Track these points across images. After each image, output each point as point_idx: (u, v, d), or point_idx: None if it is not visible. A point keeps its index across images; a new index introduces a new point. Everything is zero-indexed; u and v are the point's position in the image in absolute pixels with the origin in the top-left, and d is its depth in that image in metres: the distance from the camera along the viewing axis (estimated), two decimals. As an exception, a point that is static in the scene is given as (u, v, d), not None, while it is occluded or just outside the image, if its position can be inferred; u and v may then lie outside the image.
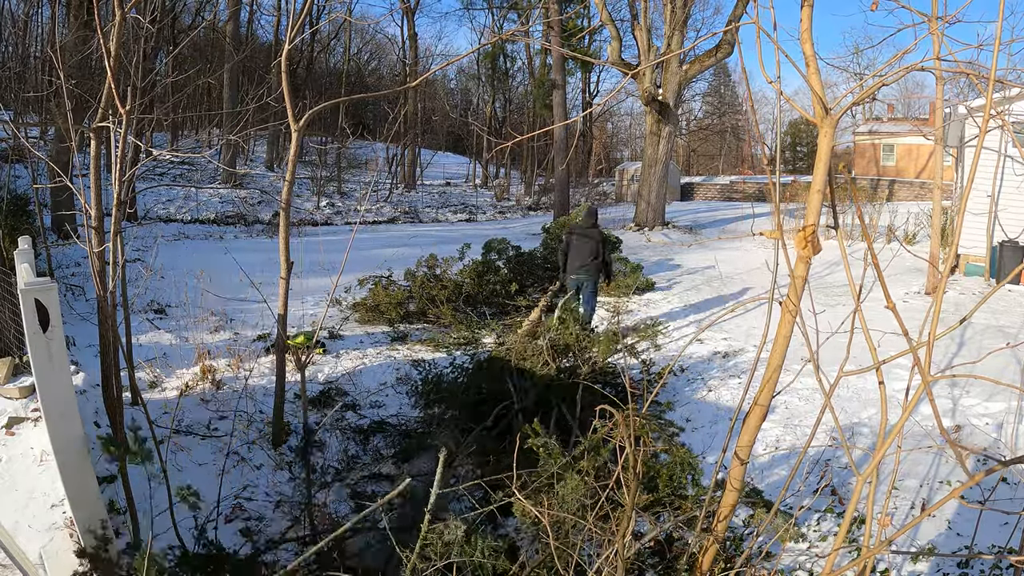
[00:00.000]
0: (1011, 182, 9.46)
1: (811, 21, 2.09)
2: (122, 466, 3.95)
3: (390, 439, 6.04)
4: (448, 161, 37.47)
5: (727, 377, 6.68)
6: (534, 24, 26.65)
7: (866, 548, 2.16)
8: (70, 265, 10.76)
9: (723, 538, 2.68)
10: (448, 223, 23.16)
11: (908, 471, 4.31)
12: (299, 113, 5.31)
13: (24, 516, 3.77)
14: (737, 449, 2.37)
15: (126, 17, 4.40)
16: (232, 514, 4.74)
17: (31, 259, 5.11)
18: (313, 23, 27.83)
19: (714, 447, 5.41)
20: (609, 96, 5.67)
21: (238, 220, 20.00)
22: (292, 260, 5.53)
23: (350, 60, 34.59)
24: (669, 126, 16.87)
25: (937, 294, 1.94)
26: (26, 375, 5.09)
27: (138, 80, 5.29)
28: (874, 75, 2.15)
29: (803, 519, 4.18)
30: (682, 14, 16.32)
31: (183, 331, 7.73)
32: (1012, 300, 8.44)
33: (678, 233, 16.65)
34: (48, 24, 22.32)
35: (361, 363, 7.38)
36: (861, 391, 5.82)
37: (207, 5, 27.46)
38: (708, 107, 46.89)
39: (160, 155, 4.97)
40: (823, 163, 2.03)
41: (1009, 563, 3.31)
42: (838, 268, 10.63)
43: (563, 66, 21.03)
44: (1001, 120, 6.35)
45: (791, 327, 2.15)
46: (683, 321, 8.72)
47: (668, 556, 3.96)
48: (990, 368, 5.68)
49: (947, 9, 7.67)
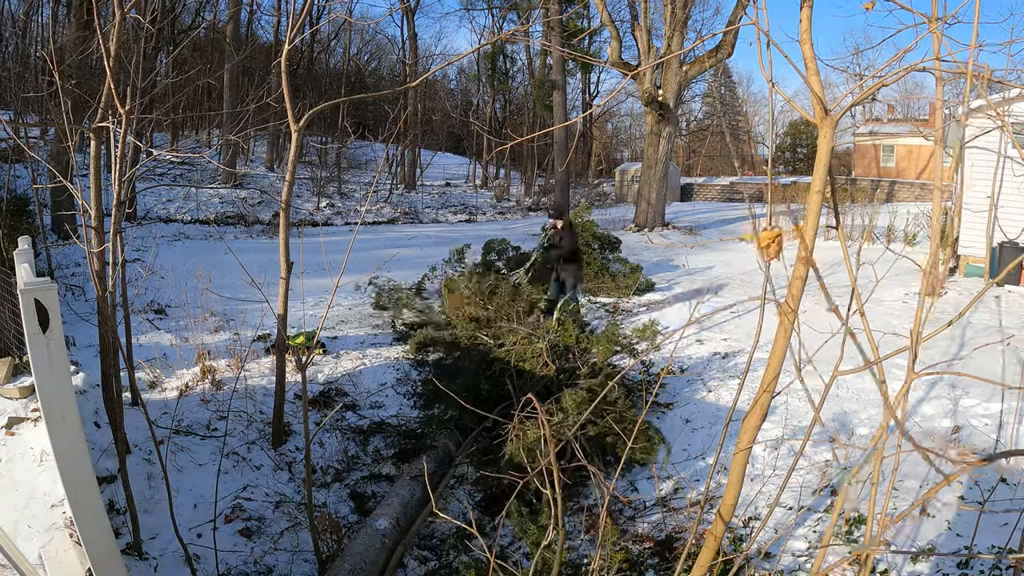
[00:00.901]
0: (1011, 183, 9.46)
1: (810, 22, 2.09)
2: (122, 466, 3.95)
3: (390, 439, 6.04)
4: (448, 162, 37.46)
5: (727, 378, 6.68)
6: (534, 24, 26.65)
7: (867, 543, 2.16)
8: (70, 265, 10.76)
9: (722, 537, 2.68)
10: (448, 224, 23.17)
11: (908, 471, 4.31)
12: (299, 113, 5.31)
13: (24, 516, 3.77)
14: (737, 448, 2.37)
15: (126, 17, 4.40)
16: (232, 514, 4.74)
17: (31, 259, 5.11)
18: (313, 23, 27.84)
19: (714, 447, 5.41)
20: (609, 97, 5.75)
21: (238, 220, 20.00)
22: (292, 260, 5.53)
23: (350, 60, 34.61)
24: (669, 127, 16.87)
25: (932, 295, 1.94)
26: (26, 375, 5.09)
27: (138, 80, 5.29)
28: (874, 75, 2.15)
29: (803, 519, 4.19)
30: (682, 15, 16.33)
31: (183, 331, 7.73)
32: (1013, 301, 8.44)
33: (678, 234, 16.65)
34: (48, 24, 22.34)
35: (361, 364, 7.38)
36: (860, 392, 5.82)
37: (207, 5, 27.45)
38: (708, 108, 46.90)
39: (160, 155, 4.97)
40: (823, 164, 2.03)
41: (1009, 563, 3.31)
42: (839, 269, 10.62)
43: (563, 67, 21.02)
44: (1001, 120, 6.34)
45: (790, 328, 2.15)
46: (683, 322, 8.72)
47: (668, 556, 3.96)
48: (993, 368, 5.69)
49: (947, 9, 7.66)
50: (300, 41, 26.36)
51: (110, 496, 4.21)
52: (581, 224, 10.18)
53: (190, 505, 4.64)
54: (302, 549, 4.48)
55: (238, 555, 4.32)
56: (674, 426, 5.89)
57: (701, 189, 30.47)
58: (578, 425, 3.75)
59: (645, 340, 7.49)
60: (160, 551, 4.10)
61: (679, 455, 5.41)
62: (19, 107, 13.59)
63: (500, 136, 32.84)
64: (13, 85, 13.45)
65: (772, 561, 3.78)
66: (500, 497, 5.00)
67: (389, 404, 6.70)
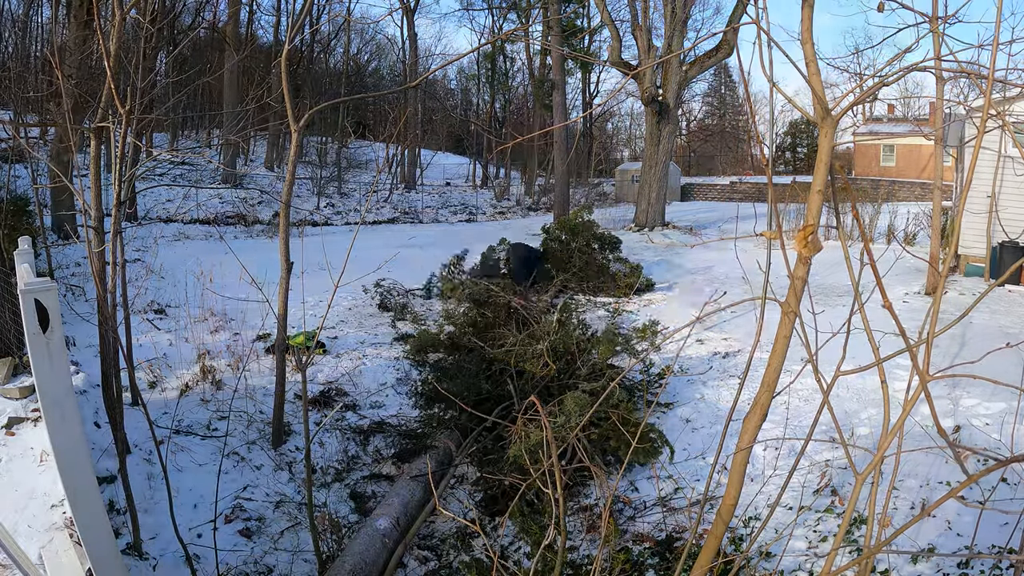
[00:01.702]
0: (1011, 182, 9.45)
1: (811, 21, 2.08)
2: (122, 466, 3.95)
3: (390, 439, 6.04)
4: (448, 161, 37.44)
5: (727, 377, 6.67)
6: (534, 24, 26.65)
7: (867, 548, 2.16)
8: (70, 265, 10.75)
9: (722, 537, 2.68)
10: (448, 223, 23.16)
11: (909, 472, 4.30)
12: (299, 113, 5.31)
13: (24, 516, 3.77)
14: (737, 448, 2.37)
15: (126, 17, 4.40)
16: (232, 514, 4.73)
17: (31, 259, 5.11)
18: (313, 23, 27.85)
19: (714, 447, 5.41)
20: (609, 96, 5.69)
21: (238, 220, 19.99)
22: (292, 260, 5.53)
23: (350, 60, 34.60)
24: (669, 126, 16.87)
25: (937, 294, 1.94)
26: (26, 375, 5.09)
27: (138, 80, 5.28)
28: (874, 75, 2.15)
29: (803, 519, 4.18)
30: (682, 14, 16.33)
31: (183, 331, 7.72)
32: (1013, 300, 8.44)
33: (678, 233, 16.64)
34: (48, 24, 22.33)
35: (361, 363, 7.38)
36: (861, 392, 5.82)
37: (207, 5, 27.45)
38: (708, 107, 46.90)
39: (160, 155, 4.97)
40: (823, 163, 2.03)
41: (1009, 563, 3.31)
42: (839, 269, 10.62)
43: (563, 66, 21.03)
44: (1001, 120, 6.33)
45: (791, 328, 2.14)
46: (683, 321, 8.72)
47: (668, 556, 3.96)
48: (993, 368, 5.67)
49: (947, 9, 7.67)
50: (300, 41, 26.36)
51: (110, 496, 4.21)
52: (581, 224, 10.17)
53: (190, 505, 4.64)
54: (302, 549, 4.48)
55: (238, 555, 4.32)
56: (674, 426, 5.89)
57: (701, 189, 30.48)
58: (579, 427, 3.77)
59: (645, 340, 7.49)
60: (160, 551, 4.09)
61: (679, 455, 5.41)
62: (19, 107, 13.58)
63: (500, 136, 32.85)
64: (13, 85, 13.44)
65: (772, 561, 3.78)
66: (501, 497, 5.00)
67: (389, 404, 6.70)
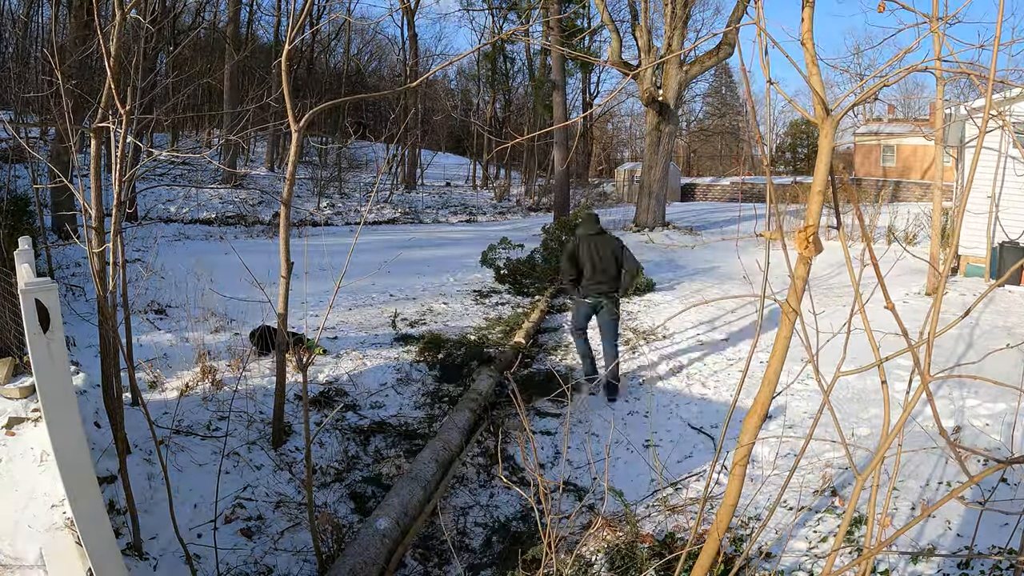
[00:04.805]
0: (1012, 183, 9.45)
1: (812, 22, 2.08)
2: (122, 466, 3.95)
3: (390, 439, 6.04)
4: (448, 162, 37.48)
5: (727, 377, 6.67)
6: (534, 24, 26.65)
7: (867, 549, 2.16)
8: (70, 265, 10.76)
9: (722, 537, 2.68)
10: (448, 224, 23.17)
11: (910, 472, 4.30)
12: (299, 113, 5.30)
13: (24, 516, 3.77)
14: (737, 448, 2.37)
15: (126, 17, 4.40)
16: (232, 514, 4.73)
17: (31, 259, 5.10)
18: (313, 23, 27.86)
19: (714, 447, 5.41)
20: (609, 97, 5.77)
21: (238, 220, 20.00)
22: (292, 261, 5.53)
23: (350, 60, 34.62)
24: (670, 127, 16.87)
25: (937, 294, 1.94)
26: (26, 375, 5.09)
27: (138, 80, 5.29)
28: (875, 75, 2.15)
29: (803, 519, 4.18)
30: (682, 14, 16.33)
31: (183, 331, 7.72)
32: (1013, 301, 8.44)
33: (679, 234, 16.65)
34: (48, 24, 22.33)
35: (362, 364, 7.38)
36: (861, 392, 5.82)
37: (207, 5, 27.46)
38: (709, 108, 46.91)
39: (160, 155, 4.96)
40: (824, 164, 2.03)
41: (1009, 563, 3.30)
42: (839, 270, 10.63)
43: (563, 67, 21.03)
44: (1002, 120, 6.34)
45: (791, 328, 2.14)
46: (685, 322, 8.72)
47: (668, 556, 3.95)
48: (996, 369, 5.68)
49: (948, 9, 7.67)
50: (300, 41, 26.34)
51: (110, 496, 4.21)
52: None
53: (190, 505, 4.64)
54: (302, 549, 4.48)
55: (238, 555, 4.31)
56: (675, 426, 5.89)
57: (701, 189, 30.50)
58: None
59: (646, 340, 7.49)
60: (160, 551, 4.09)
61: (679, 455, 5.41)
62: (19, 107, 13.59)
63: (500, 136, 32.85)
64: (13, 85, 13.45)
65: (773, 561, 3.77)
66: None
67: (389, 404, 6.70)
